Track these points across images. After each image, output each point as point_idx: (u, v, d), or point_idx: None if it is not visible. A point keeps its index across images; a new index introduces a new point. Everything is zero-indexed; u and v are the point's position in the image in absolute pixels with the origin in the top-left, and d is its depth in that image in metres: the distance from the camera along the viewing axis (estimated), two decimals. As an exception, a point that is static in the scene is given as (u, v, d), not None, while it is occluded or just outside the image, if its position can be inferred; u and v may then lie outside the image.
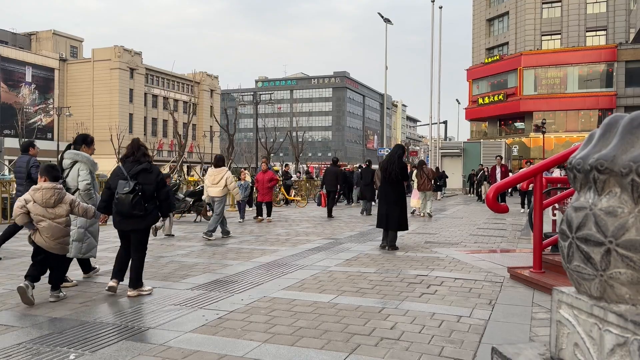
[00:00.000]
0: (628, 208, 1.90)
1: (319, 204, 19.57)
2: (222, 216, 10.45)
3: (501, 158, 19.98)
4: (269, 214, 14.14)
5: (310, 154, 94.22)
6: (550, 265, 6.04)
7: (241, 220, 13.93)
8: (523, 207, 17.81)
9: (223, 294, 5.44)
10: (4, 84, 60.27)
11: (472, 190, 30.36)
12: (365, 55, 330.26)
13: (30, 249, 5.32)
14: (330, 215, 15.32)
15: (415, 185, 15.75)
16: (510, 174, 17.35)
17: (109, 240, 9.75)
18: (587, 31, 48.85)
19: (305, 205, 20.94)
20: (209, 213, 12.37)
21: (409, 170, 14.28)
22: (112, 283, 5.44)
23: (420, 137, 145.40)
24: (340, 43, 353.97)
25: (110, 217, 5.77)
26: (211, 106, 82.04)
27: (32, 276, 5.10)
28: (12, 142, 54.52)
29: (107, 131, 59.06)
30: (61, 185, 5.42)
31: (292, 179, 24.53)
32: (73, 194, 6.04)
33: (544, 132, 40.33)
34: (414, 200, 15.92)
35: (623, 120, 2.04)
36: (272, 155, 48.67)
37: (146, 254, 5.67)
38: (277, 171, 25.46)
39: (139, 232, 5.51)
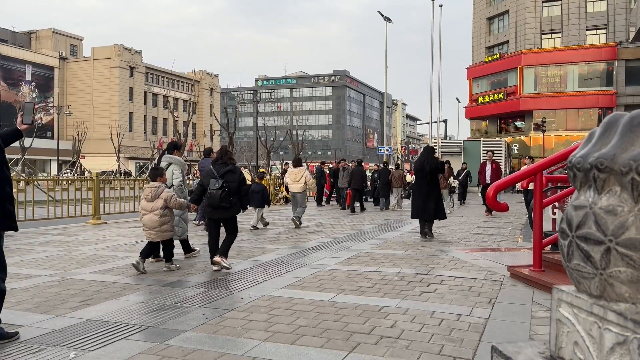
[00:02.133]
0: (628, 207, 1.89)
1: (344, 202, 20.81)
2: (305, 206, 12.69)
3: (493, 153, 17.77)
4: None
5: (310, 153, 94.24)
6: (550, 264, 6.04)
7: (196, 222, 12.27)
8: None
9: (223, 293, 5.44)
10: (4, 83, 60.26)
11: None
12: (366, 54, 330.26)
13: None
14: (352, 210, 17.16)
15: None
16: (513, 172, 16.01)
17: (108, 239, 9.76)
18: (587, 30, 48.80)
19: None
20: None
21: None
22: (216, 258, 6.73)
23: (420, 135, 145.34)
24: (340, 42, 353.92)
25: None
26: (211, 105, 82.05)
27: (144, 253, 6.65)
28: (12, 141, 54.38)
29: (107, 130, 59.15)
30: (159, 184, 6.86)
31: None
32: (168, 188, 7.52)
33: (544, 131, 40.32)
34: None
35: (623, 118, 2.04)
36: (272, 153, 48.70)
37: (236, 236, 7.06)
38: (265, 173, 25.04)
39: (227, 220, 6.88)
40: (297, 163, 13.01)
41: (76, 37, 74.91)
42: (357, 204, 17.55)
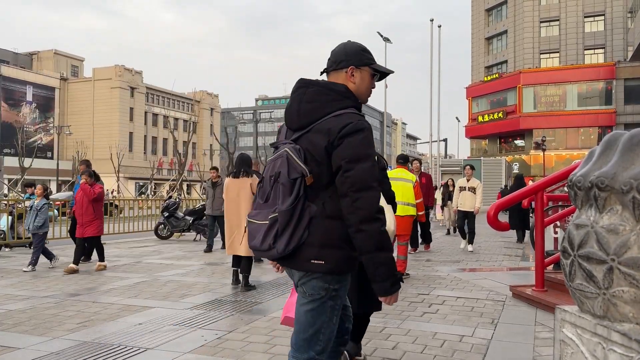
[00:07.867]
0: (629, 225, 1.88)
1: None
2: None
3: (420, 163, 12.35)
4: (99, 257, 8.88)
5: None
6: (552, 284, 5.99)
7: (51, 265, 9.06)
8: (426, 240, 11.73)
9: (222, 314, 5.39)
10: (5, 103, 60.55)
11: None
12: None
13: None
14: None
15: (439, 201, 17.90)
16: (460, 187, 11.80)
17: (107, 260, 9.72)
18: (585, 49, 49.19)
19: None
20: None
21: (439, 187, 18.95)
22: None
23: (420, 154, 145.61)
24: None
25: None
26: (211, 124, 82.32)
27: None
28: (12, 161, 54.48)
29: (107, 150, 59.26)
30: None
31: None
32: None
33: (544, 150, 40.43)
34: (439, 214, 18.74)
35: (623, 137, 2.03)
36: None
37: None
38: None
39: None
40: None
41: (77, 57, 75.44)
42: None
